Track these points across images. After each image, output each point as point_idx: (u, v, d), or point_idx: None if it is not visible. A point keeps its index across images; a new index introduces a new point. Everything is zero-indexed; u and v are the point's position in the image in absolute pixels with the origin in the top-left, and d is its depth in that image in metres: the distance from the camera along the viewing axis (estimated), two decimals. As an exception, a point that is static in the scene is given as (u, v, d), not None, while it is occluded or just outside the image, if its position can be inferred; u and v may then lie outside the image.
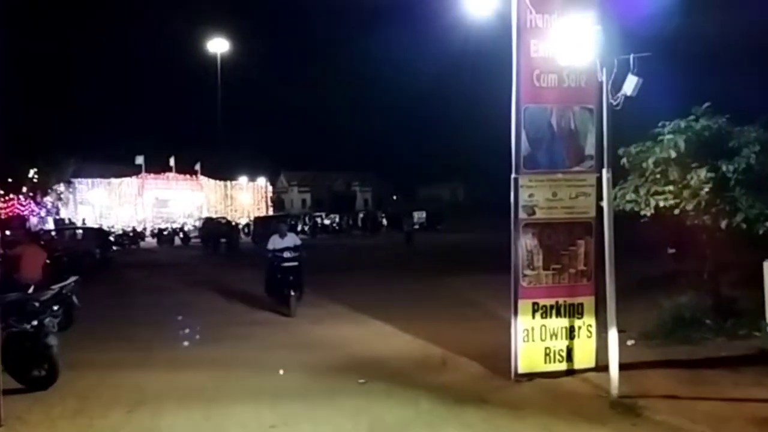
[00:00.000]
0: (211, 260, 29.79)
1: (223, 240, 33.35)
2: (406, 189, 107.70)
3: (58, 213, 42.55)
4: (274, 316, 13.04)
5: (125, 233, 42.77)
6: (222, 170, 66.01)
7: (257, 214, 61.24)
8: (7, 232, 22.21)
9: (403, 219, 26.21)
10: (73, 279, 12.29)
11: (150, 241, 46.47)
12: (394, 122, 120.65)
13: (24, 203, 33.96)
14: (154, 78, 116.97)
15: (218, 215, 50.22)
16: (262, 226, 41.97)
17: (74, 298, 12.09)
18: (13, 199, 31.48)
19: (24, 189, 36.09)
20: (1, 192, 31.84)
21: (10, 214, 30.35)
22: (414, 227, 26.88)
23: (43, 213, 38.39)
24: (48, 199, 41.33)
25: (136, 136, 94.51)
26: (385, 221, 56.80)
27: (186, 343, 10.72)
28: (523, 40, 7.55)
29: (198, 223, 45.61)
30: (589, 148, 7.73)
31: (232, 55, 59.06)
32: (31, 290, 10.25)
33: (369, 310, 12.86)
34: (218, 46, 56.45)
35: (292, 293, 12.71)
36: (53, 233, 28.55)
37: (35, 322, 7.87)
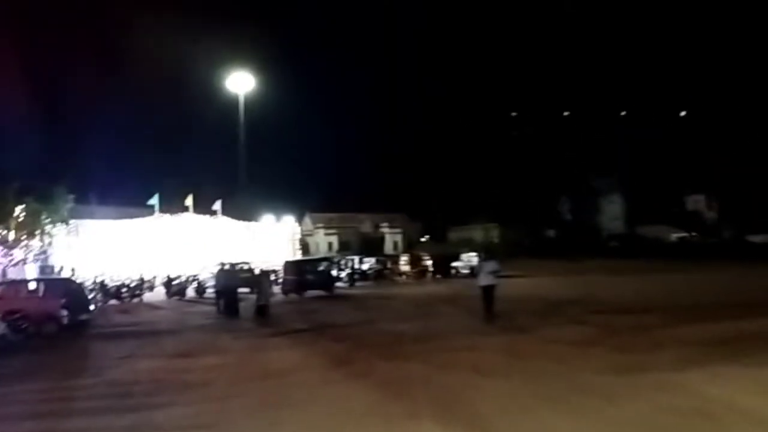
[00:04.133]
0: (229, 326, 20.21)
1: (243, 292, 23.55)
2: (436, 231, 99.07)
3: (46, 259, 33.53)
4: None
5: (123, 284, 33.57)
6: (244, 211, 57.17)
7: (285, 258, 51.79)
8: None
9: (480, 263, 16.45)
10: None
11: (160, 291, 37.33)
12: (422, 162, 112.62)
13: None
14: (171, 116, 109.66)
15: (239, 261, 40.66)
16: (295, 272, 32.63)
17: None
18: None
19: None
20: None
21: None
22: (495, 274, 16.87)
23: (18, 259, 29.34)
24: (35, 243, 32.33)
25: (149, 176, 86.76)
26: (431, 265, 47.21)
27: None
28: None
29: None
30: None
31: (256, 93, 50.57)
32: None
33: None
34: (242, 82, 47.77)
35: None
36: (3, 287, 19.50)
37: None
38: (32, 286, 18.98)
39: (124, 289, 32.07)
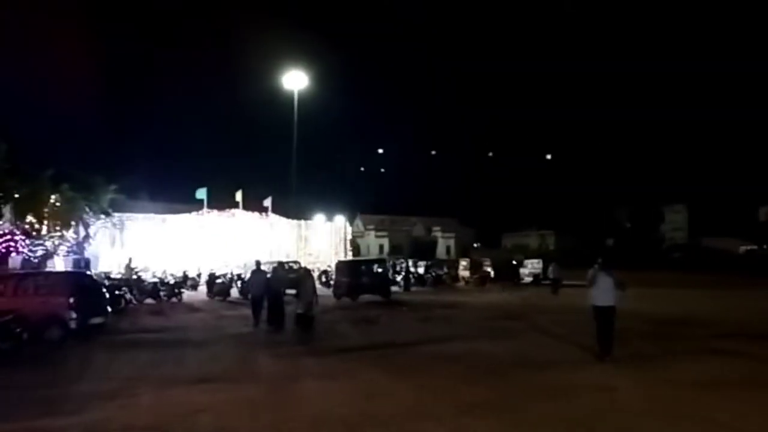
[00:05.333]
0: (269, 339, 16.39)
1: (291, 292, 19.10)
2: (490, 237, 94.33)
3: (81, 252, 30.46)
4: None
5: (162, 281, 30.17)
6: (295, 210, 53.72)
7: (335, 258, 48.06)
8: None
9: (596, 275, 11.57)
10: None
11: (203, 290, 33.93)
12: (477, 166, 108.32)
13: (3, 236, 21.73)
14: (225, 113, 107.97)
15: (288, 261, 36.96)
16: (348, 274, 28.83)
17: None
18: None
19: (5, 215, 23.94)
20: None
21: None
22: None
23: (46, 250, 26.20)
24: (70, 234, 29.33)
25: (201, 172, 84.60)
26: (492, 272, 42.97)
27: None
28: None
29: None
30: None
31: (310, 92, 46.85)
32: None
33: None
34: (296, 80, 43.88)
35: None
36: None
37: None
38: (33, 280, 15.47)
39: (162, 287, 28.66)
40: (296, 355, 12.81)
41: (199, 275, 38.76)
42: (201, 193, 48.44)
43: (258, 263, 19.40)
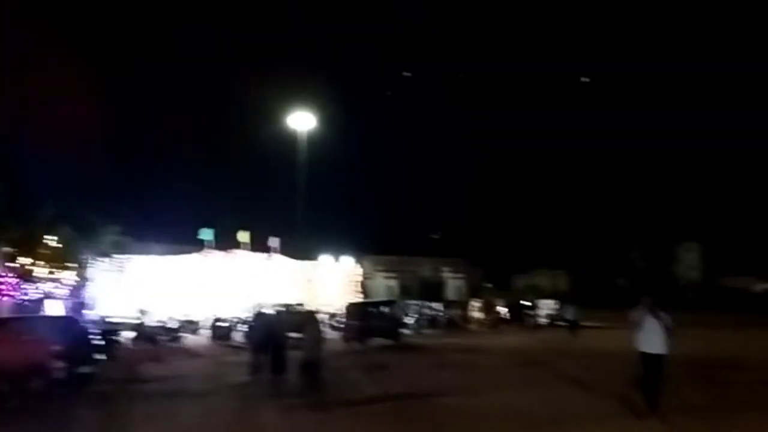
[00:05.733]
0: (272, 388, 14.95)
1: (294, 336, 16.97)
2: (499, 277, 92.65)
3: (80, 295, 29.21)
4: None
5: (162, 326, 28.78)
6: (301, 251, 52.30)
7: (344, 300, 46.58)
8: None
9: (643, 316, 10.24)
10: None
11: (206, 334, 32.51)
12: (484, 206, 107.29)
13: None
14: (231, 153, 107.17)
15: (293, 303, 35.57)
16: (358, 317, 27.43)
17: None
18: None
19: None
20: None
21: None
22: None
23: (40, 293, 24.90)
24: (68, 276, 28.18)
25: (207, 214, 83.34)
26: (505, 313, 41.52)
27: None
28: None
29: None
30: None
31: (316, 133, 45.68)
32: None
33: None
34: (303, 120, 42.64)
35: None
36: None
37: None
38: (14, 326, 14.08)
39: (163, 332, 27.25)
40: (301, 409, 11.48)
41: (203, 319, 37.36)
42: (205, 234, 47.23)
43: (261, 306, 18.11)
